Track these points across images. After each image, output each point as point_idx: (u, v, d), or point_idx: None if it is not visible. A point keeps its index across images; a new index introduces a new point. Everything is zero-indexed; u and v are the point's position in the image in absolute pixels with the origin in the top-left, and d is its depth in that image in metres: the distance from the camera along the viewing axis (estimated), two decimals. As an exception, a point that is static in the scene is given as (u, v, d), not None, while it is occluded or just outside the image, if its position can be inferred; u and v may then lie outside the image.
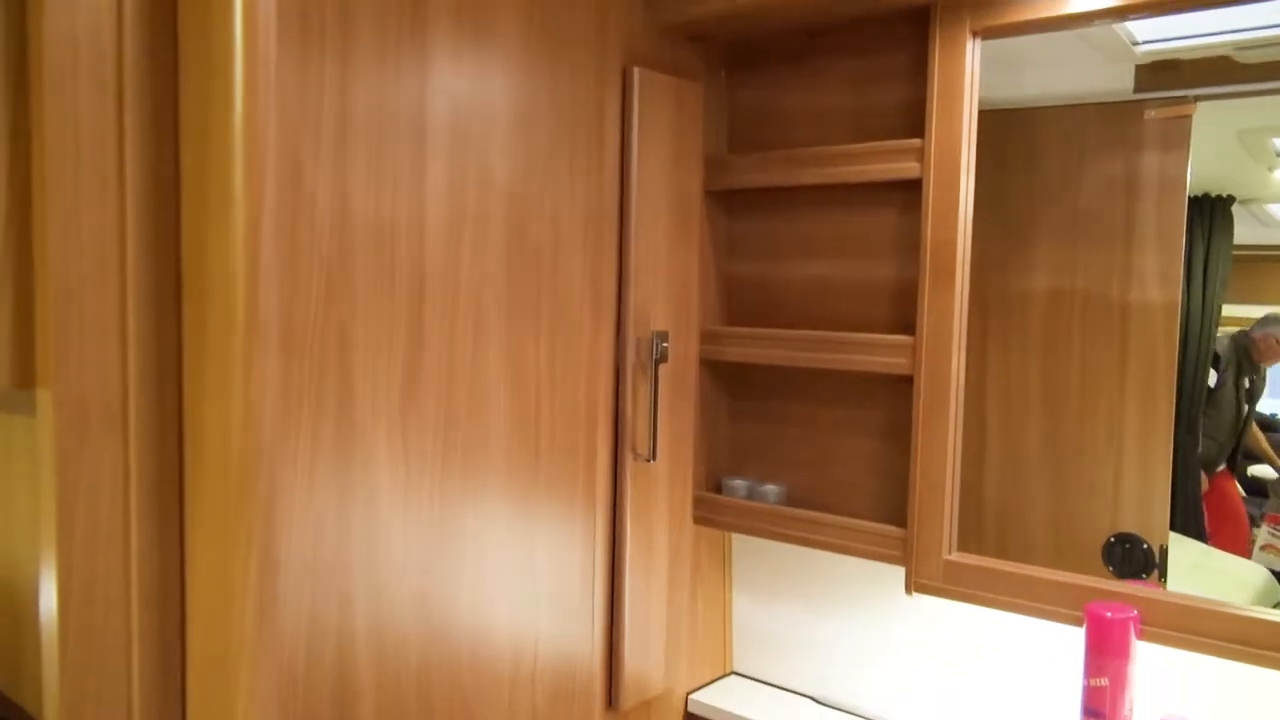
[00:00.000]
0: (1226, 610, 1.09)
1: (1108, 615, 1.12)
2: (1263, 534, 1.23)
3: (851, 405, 1.43)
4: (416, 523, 1.08)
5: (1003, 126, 1.29)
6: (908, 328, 1.33)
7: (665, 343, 1.40)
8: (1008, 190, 1.31)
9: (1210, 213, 1.21)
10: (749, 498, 1.50)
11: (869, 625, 1.49)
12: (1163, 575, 1.22)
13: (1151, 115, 1.23)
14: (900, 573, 1.42)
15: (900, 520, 1.34)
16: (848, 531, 1.37)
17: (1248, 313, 1.24)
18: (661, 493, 1.43)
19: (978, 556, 1.27)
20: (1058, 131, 1.29)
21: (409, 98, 1.04)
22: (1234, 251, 1.20)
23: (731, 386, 1.57)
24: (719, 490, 1.56)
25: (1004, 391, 1.33)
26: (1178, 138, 1.21)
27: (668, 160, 1.39)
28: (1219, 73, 1.18)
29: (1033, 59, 1.30)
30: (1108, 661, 1.12)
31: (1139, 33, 1.20)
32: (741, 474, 1.56)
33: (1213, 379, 1.24)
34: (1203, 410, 1.24)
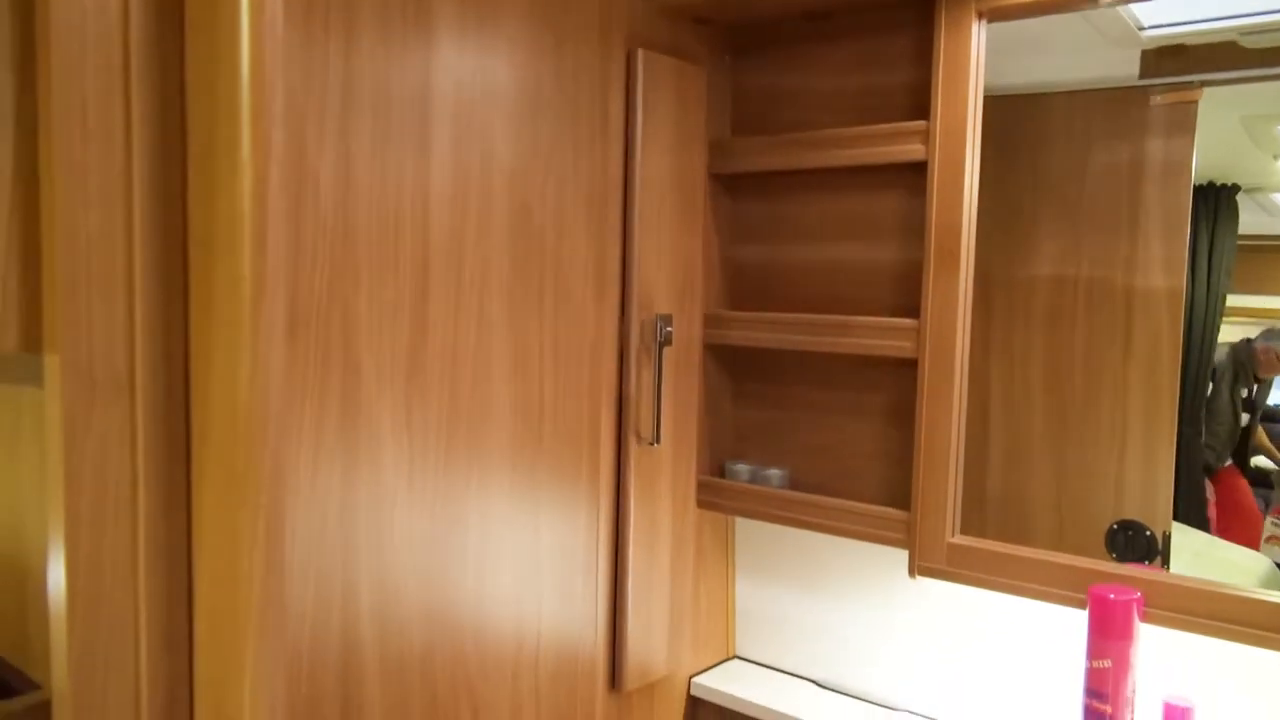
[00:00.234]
0: (1229, 592, 1.09)
1: (1110, 597, 1.12)
2: (1267, 525, 1.23)
3: (855, 389, 1.43)
4: (421, 502, 1.08)
5: (1008, 112, 1.29)
6: (911, 311, 1.33)
7: (669, 326, 1.40)
8: (1012, 176, 1.31)
9: (1215, 201, 1.21)
10: (752, 481, 1.50)
11: (872, 609, 1.49)
12: (1165, 562, 1.22)
13: (1157, 101, 1.22)
14: (903, 556, 1.43)
15: (903, 504, 1.34)
16: (851, 515, 1.37)
17: (1253, 303, 1.24)
18: (665, 476, 1.44)
19: (980, 540, 1.27)
20: (1063, 117, 1.28)
21: (413, 77, 1.04)
22: (1238, 241, 1.20)
23: (735, 370, 1.57)
24: (722, 474, 1.56)
25: (1007, 378, 1.33)
26: (1183, 123, 1.21)
27: (672, 143, 1.39)
28: (1225, 58, 1.18)
29: (1038, 44, 1.29)
30: (1110, 643, 1.12)
31: (1145, 17, 1.20)
32: (745, 458, 1.57)
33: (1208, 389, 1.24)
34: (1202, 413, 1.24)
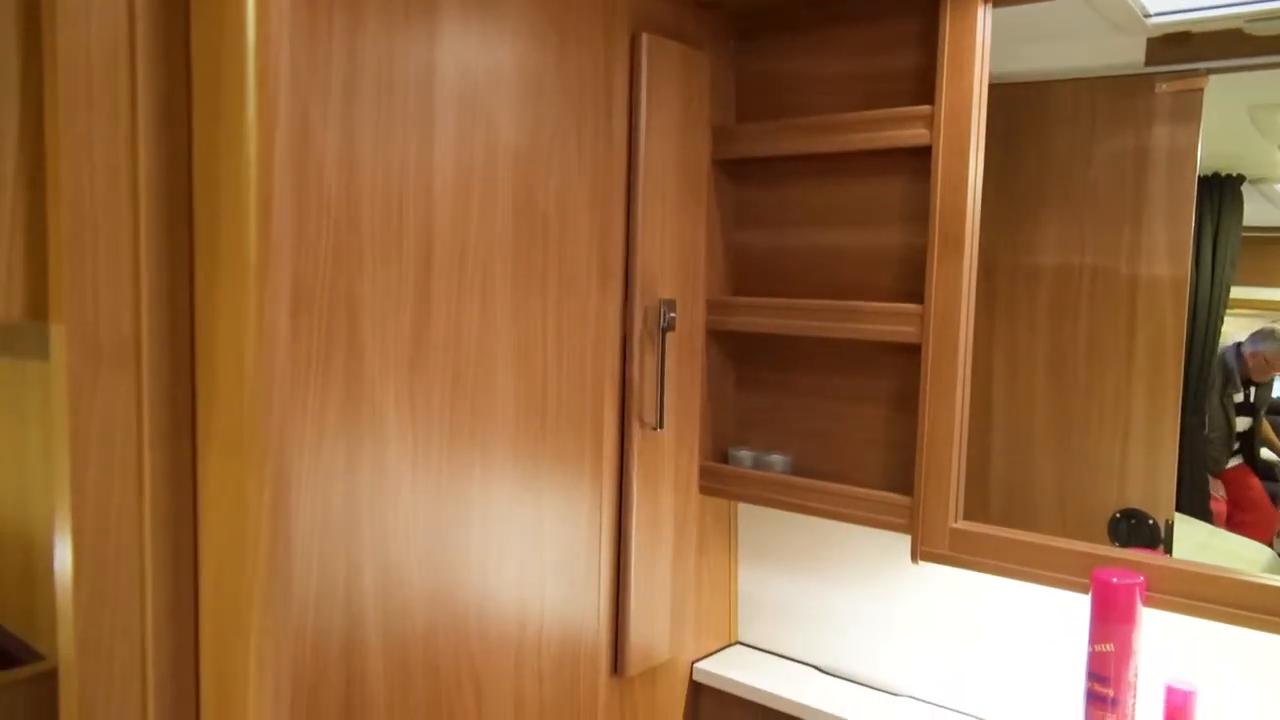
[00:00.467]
0: (1232, 576, 1.09)
1: (1113, 581, 1.12)
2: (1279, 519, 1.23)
3: (858, 375, 1.43)
4: (424, 486, 1.08)
5: (1012, 100, 1.28)
6: (915, 297, 1.33)
7: (673, 312, 1.40)
8: (1016, 165, 1.30)
9: (1220, 192, 1.20)
10: (755, 467, 1.50)
11: (874, 595, 1.49)
12: (1168, 551, 1.22)
13: (1163, 88, 1.22)
14: (905, 542, 1.43)
15: (906, 489, 1.34)
16: (854, 500, 1.37)
17: (1257, 295, 1.23)
18: (668, 462, 1.44)
19: (983, 525, 1.27)
20: (1068, 105, 1.28)
21: (417, 59, 1.03)
22: (1243, 233, 1.20)
23: (738, 356, 1.57)
24: (725, 460, 1.56)
25: (1011, 366, 1.33)
26: (1189, 111, 1.21)
27: (676, 128, 1.38)
28: (1231, 45, 1.17)
29: (1043, 31, 1.29)
30: (1113, 627, 1.12)
31: (1151, 4, 1.19)
32: (748, 444, 1.57)
33: None
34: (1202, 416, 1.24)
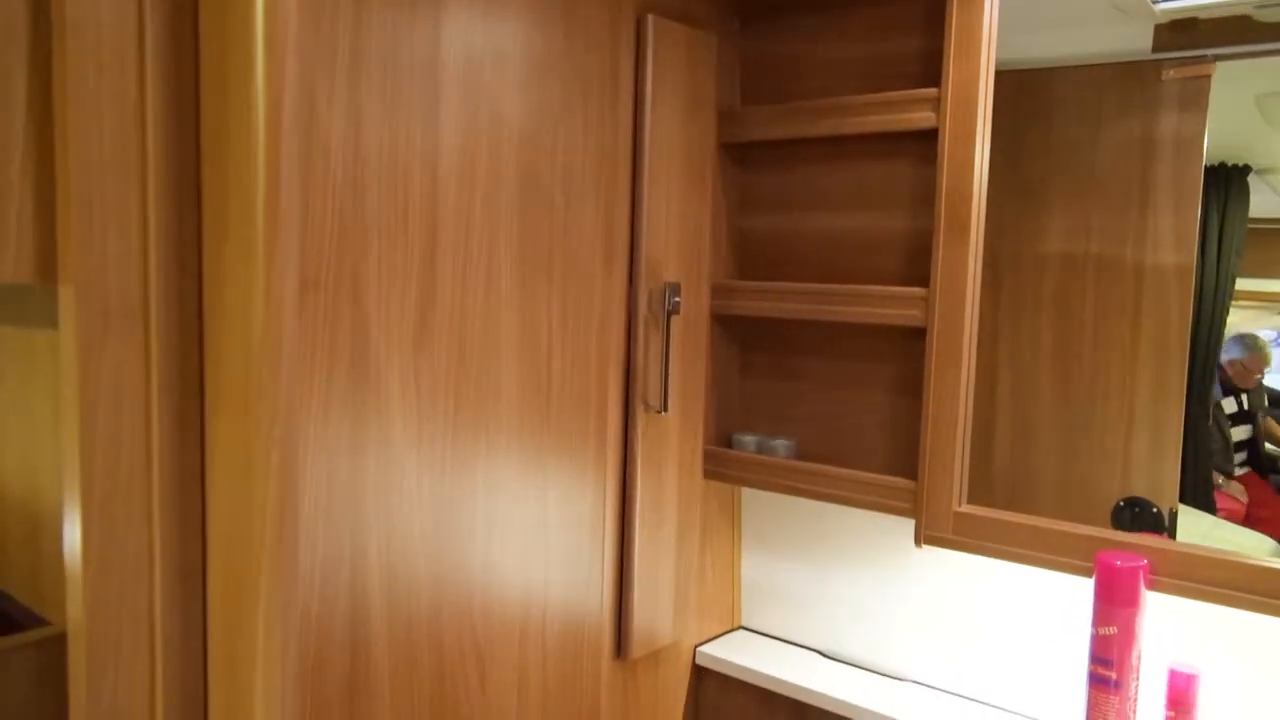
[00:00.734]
0: (1235, 559, 1.09)
1: (1117, 564, 1.12)
2: None
3: (862, 360, 1.43)
4: (429, 465, 1.08)
5: (1018, 87, 1.28)
6: (921, 282, 1.32)
7: (677, 296, 1.39)
8: (1022, 152, 1.30)
9: (1226, 182, 1.20)
10: (759, 452, 1.50)
11: (878, 580, 1.49)
12: (1172, 538, 1.22)
13: (1170, 75, 1.21)
14: (909, 527, 1.43)
15: (911, 474, 1.34)
16: (858, 484, 1.37)
17: (1262, 287, 1.23)
18: (672, 445, 1.44)
19: (987, 508, 1.27)
20: (1074, 92, 1.28)
21: (422, 40, 1.03)
22: (1249, 224, 1.19)
23: (742, 341, 1.57)
24: (729, 445, 1.56)
25: (1015, 354, 1.32)
26: (1196, 98, 1.20)
27: (681, 111, 1.38)
28: (1238, 32, 1.17)
29: (1050, 17, 1.28)
30: (1116, 610, 1.12)
31: (1158, -10, 1.19)
32: (752, 429, 1.57)
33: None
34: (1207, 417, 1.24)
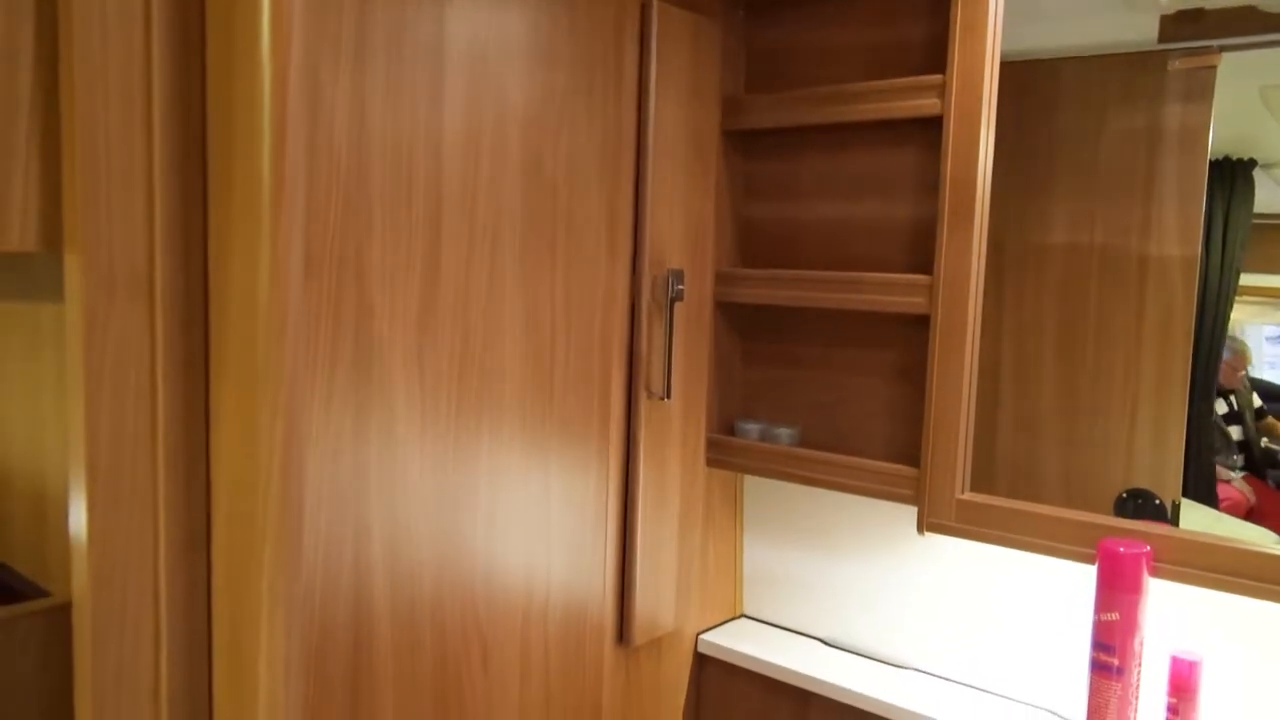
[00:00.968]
0: (1238, 546, 1.09)
1: (1120, 550, 1.12)
2: None
3: (866, 348, 1.43)
4: (432, 448, 1.08)
5: (1023, 78, 1.28)
6: (924, 270, 1.32)
7: (681, 284, 1.40)
8: (1027, 143, 1.30)
9: (1231, 177, 1.20)
10: (762, 440, 1.51)
11: (880, 569, 1.49)
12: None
13: (1175, 66, 1.21)
14: (912, 516, 1.43)
15: (913, 462, 1.34)
16: (860, 472, 1.37)
17: (1267, 283, 1.23)
18: (675, 433, 1.44)
19: (990, 496, 1.27)
20: (1079, 83, 1.28)
21: (427, 22, 1.04)
22: (1253, 220, 1.19)
23: (745, 329, 1.57)
24: (732, 433, 1.56)
25: (1019, 345, 1.32)
26: (1201, 89, 1.20)
27: (685, 98, 1.38)
28: (1244, 22, 1.17)
29: (1057, 7, 1.28)
30: (1119, 596, 1.12)
31: (1164, -20, 1.19)
32: (755, 417, 1.57)
33: None
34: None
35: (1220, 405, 1.27)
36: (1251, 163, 1.19)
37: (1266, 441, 1.29)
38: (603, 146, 1.27)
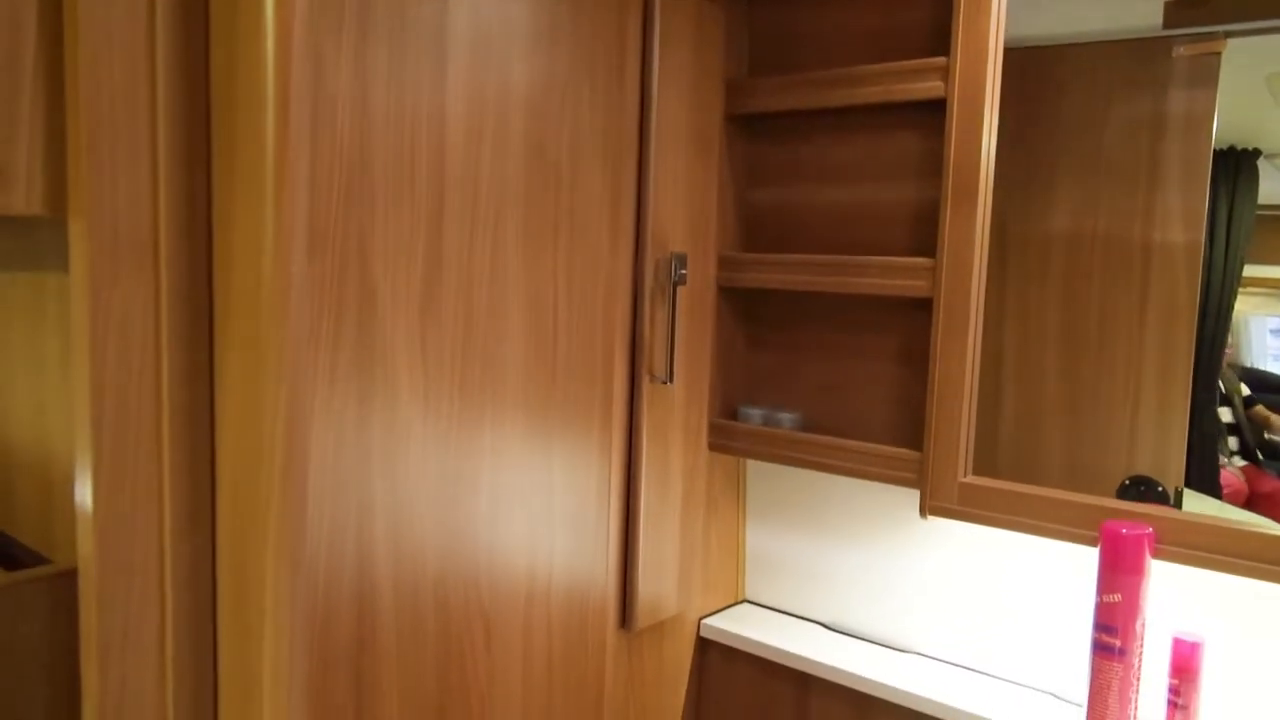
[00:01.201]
0: (1240, 527, 1.09)
1: (1123, 531, 1.13)
2: None
3: (868, 332, 1.43)
4: (435, 431, 1.09)
5: (1027, 64, 1.28)
6: (928, 253, 1.32)
7: (684, 268, 1.40)
8: (1031, 131, 1.30)
9: (1235, 167, 1.20)
10: (764, 425, 1.51)
11: (882, 553, 1.49)
12: (1178, 516, 1.22)
13: (1180, 52, 1.21)
14: (914, 500, 1.43)
15: (916, 445, 1.34)
16: (863, 455, 1.37)
17: (1271, 274, 1.23)
18: (677, 417, 1.44)
19: (992, 479, 1.27)
20: (1083, 69, 1.27)
21: (429, 4, 1.03)
22: (1258, 210, 1.19)
23: (748, 314, 1.58)
24: (734, 418, 1.56)
25: (1022, 332, 1.32)
26: (1206, 75, 1.20)
27: (688, 82, 1.38)
28: (1249, 7, 1.17)
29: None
30: (1122, 578, 1.13)
31: (1169, -36, 1.19)
32: (757, 402, 1.57)
33: None
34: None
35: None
36: (1256, 153, 1.19)
37: (1267, 434, 1.28)
38: (606, 129, 1.27)
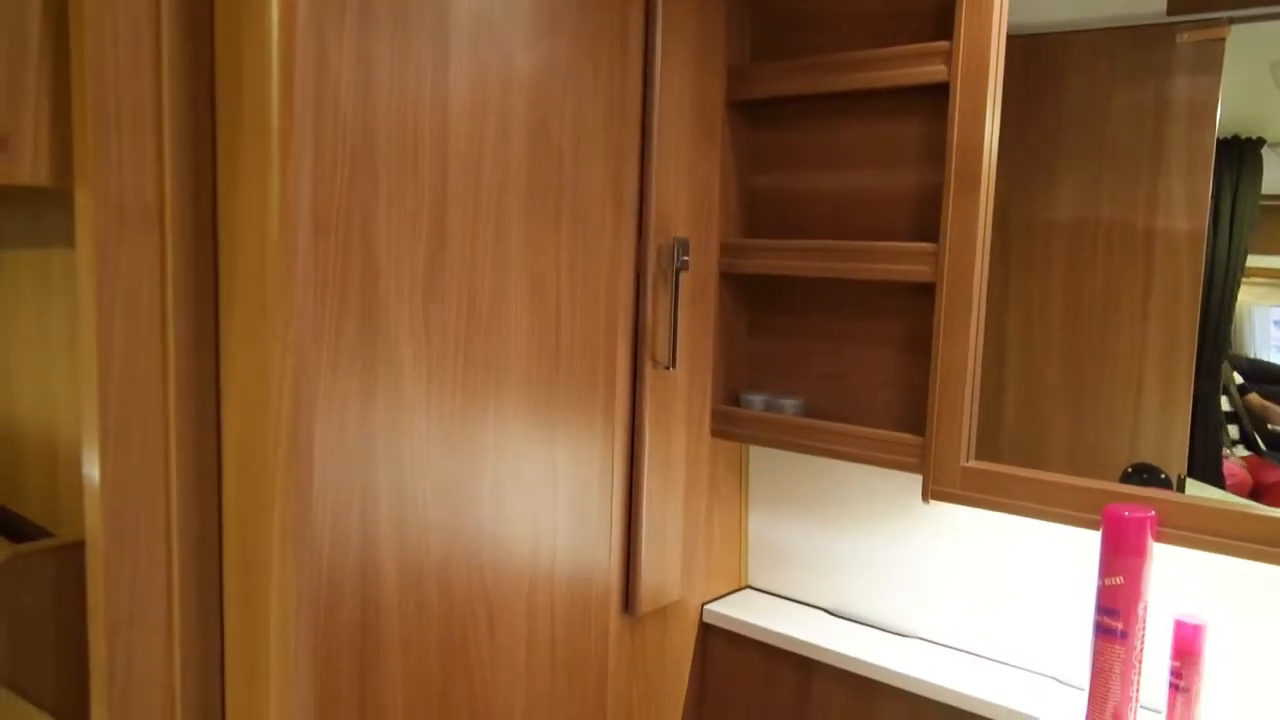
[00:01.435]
0: (1242, 510, 1.09)
1: (1125, 514, 1.13)
2: None
3: (871, 318, 1.43)
4: (438, 414, 1.09)
5: (1032, 51, 1.27)
6: (931, 239, 1.33)
7: (686, 254, 1.40)
8: (1034, 116, 1.30)
9: (1239, 156, 1.19)
10: (767, 411, 1.51)
11: (884, 539, 1.50)
12: (1181, 505, 1.22)
13: (1184, 39, 1.21)
14: (917, 485, 1.43)
15: (919, 430, 1.34)
16: (865, 440, 1.37)
17: (1275, 264, 1.22)
18: (680, 403, 1.44)
19: (995, 464, 1.27)
20: (1086, 56, 1.27)
21: None
22: (1261, 201, 1.19)
23: (751, 300, 1.58)
24: (737, 404, 1.56)
25: (1025, 319, 1.32)
26: (1210, 62, 1.19)
27: (691, 66, 1.38)
28: (1254, -7, 1.16)
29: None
30: (1124, 560, 1.13)
31: (1174, -50, 1.18)
32: (760, 388, 1.57)
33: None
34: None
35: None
36: (1260, 141, 1.19)
37: (1270, 425, 1.28)
38: (608, 114, 1.27)
